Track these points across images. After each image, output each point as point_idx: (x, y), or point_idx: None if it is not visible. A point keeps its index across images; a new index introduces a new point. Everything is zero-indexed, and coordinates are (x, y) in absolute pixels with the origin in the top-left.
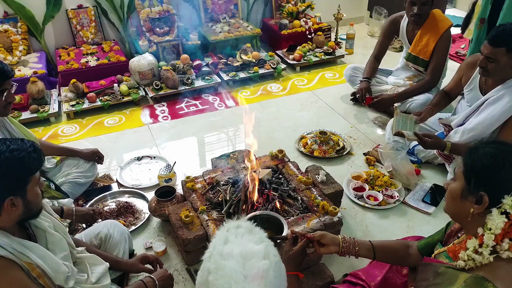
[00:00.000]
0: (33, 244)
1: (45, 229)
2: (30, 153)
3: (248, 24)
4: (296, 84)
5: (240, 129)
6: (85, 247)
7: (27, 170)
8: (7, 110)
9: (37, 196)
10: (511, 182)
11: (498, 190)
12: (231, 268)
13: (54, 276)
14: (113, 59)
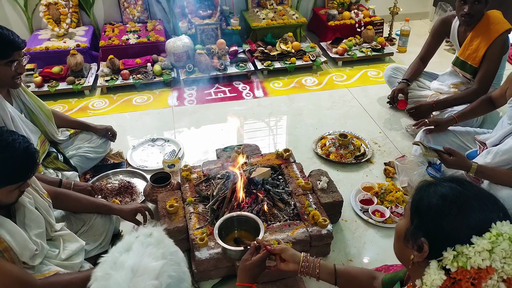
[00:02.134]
0: (4, 220)
1: (25, 205)
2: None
3: (295, 12)
4: (334, 80)
5: (260, 121)
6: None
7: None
8: (15, 81)
9: (9, 198)
10: (455, 232)
11: (439, 240)
12: (116, 281)
13: (20, 252)
14: (152, 39)
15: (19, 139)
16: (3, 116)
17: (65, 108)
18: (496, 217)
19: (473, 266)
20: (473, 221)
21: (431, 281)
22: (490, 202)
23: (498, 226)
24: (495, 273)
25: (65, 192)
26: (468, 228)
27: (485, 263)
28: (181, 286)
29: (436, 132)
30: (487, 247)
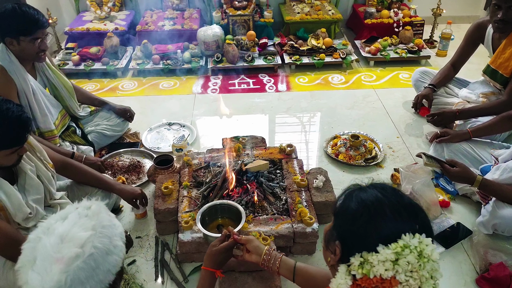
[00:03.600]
0: (2, 181)
1: (26, 171)
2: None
3: (332, 8)
4: (362, 79)
5: (276, 115)
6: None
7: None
8: (39, 57)
9: (7, 161)
10: (364, 239)
11: (349, 244)
12: (44, 244)
13: (13, 213)
14: (186, 26)
15: (13, 107)
16: (25, 88)
17: (97, 87)
18: (408, 229)
19: (376, 275)
20: (383, 229)
21: (337, 285)
22: (407, 213)
23: (406, 238)
24: (399, 286)
25: (73, 163)
26: (378, 236)
27: (388, 274)
28: (108, 258)
29: (446, 142)
30: (391, 257)
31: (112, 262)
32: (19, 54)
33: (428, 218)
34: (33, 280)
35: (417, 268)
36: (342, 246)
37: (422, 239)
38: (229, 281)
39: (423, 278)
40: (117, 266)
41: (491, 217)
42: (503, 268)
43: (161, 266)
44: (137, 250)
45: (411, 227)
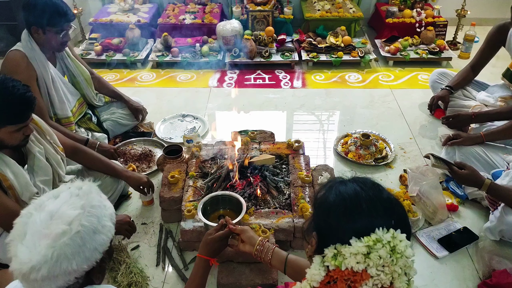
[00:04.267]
0: (11, 161)
1: (34, 153)
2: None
3: (353, 6)
4: (379, 79)
5: (288, 111)
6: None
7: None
8: (62, 47)
9: (12, 139)
10: (339, 231)
11: (325, 236)
12: (34, 220)
13: (20, 192)
14: (206, 21)
15: (18, 86)
16: (44, 75)
17: (117, 77)
18: (383, 224)
19: (348, 268)
20: (357, 223)
21: (311, 275)
22: (384, 207)
23: (379, 232)
24: (370, 280)
25: (83, 149)
26: (352, 229)
27: (359, 267)
28: (95, 237)
29: (458, 144)
30: (363, 250)
31: (99, 241)
32: (41, 43)
33: (406, 215)
34: (21, 253)
35: (389, 263)
36: (318, 237)
37: (396, 234)
38: (227, 270)
39: (395, 273)
40: (105, 245)
41: (498, 223)
42: (506, 275)
43: (163, 253)
44: (142, 236)
45: (387, 222)
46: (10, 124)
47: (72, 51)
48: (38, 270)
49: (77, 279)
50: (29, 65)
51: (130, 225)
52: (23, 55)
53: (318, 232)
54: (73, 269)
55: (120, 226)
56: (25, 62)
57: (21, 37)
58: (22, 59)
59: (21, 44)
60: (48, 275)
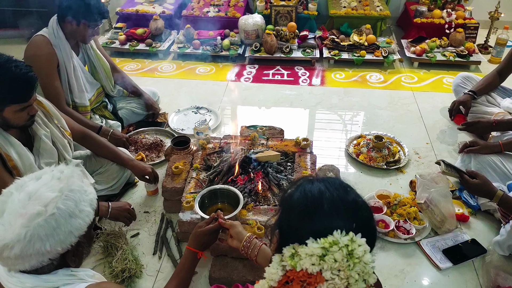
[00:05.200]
0: (16, 142)
1: (40, 136)
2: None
3: (381, 4)
4: (402, 80)
5: (303, 109)
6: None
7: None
8: (89, 39)
9: (17, 118)
10: (299, 231)
11: (286, 234)
12: (13, 200)
13: (24, 173)
14: (229, 14)
15: (21, 66)
16: (66, 63)
17: (138, 67)
18: (343, 226)
19: (303, 269)
20: (317, 223)
21: (269, 274)
22: (346, 210)
23: (337, 235)
24: (324, 283)
25: (92, 135)
26: (310, 229)
27: (314, 269)
28: (71, 220)
29: (474, 152)
30: (317, 252)
31: (75, 225)
32: (70, 33)
33: (371, 219)
34: None
35: (345, 267)
36: (280, 235)
37: (355, 238)
38: (220, 264)
39: (351, 279)
40: (81, 230)
41: (508, 237)
42: None
43: (161, 243)
44: (143, 224)
45: (347, 225)
46: (13, 103)
47: (96, 42)
48: (11, 248)
49: (51, 260)
50: (51, 51)
51: (130, 212)
52: (47, 41)
53: (279, 230)
54: (46, 250)
55: (120, 213)
56: (48, 47)
57: (49, 24)
58: (45, 44)
59: (47, 30)
60: (20, 253)
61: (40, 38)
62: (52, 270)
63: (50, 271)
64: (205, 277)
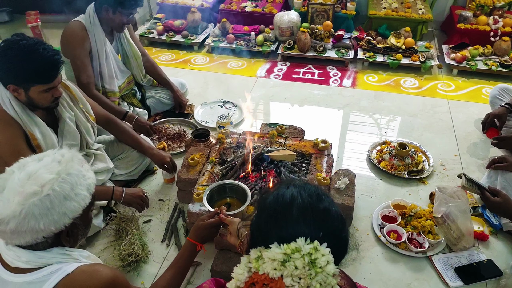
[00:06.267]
0: (41, 123)
1: (65, 118)
2: (46, 65)
3: (423, 7)
4: (438, 88)
5: (329, 109)
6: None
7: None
8: (123, 28)
9: (42, 99)
10: (265, 234)
11: (255, 237)
12: (14, 178)
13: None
14: (266, 10)
15: (48, 49)
16: (99, 50)
17: (173, 57)
18: (309, 234)
19: (265, 272)
20: (283, 228)
21: (237, 275)
22: (315, 218)
23: (300, 242)
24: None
25: (116, 121)
26: (277, 234)
27: (275, 274)
28: (66, 202)
29: (502, 169)
30: (279, 257)
31: (69, 207)
32: (106, 21)
33: (342, 230)
34: None
35: (307, 275)
36: (250, 236)
37: (319, 247)
38: (223, 258)
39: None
40: (75, 212)
41: None
42: None
43: (170, 231)
44: (156, 211)
45: (314, 233)
46: (38, 84)
47: (130, 31)
48: (6, 223)
49: (46, 238)
50: (85, 37)
51: (143, 199)
52: (83, 27)
53: (251, 231)
54: (40, 228)
55: (133, 199)
56: (82, 33)
57: (86, 10)
58: (80, 30)
59: (84, 16)
60: (16, 229)
61: (76, 23)
62: (47, 248)
63: (44, 248)
64: (208, 269)
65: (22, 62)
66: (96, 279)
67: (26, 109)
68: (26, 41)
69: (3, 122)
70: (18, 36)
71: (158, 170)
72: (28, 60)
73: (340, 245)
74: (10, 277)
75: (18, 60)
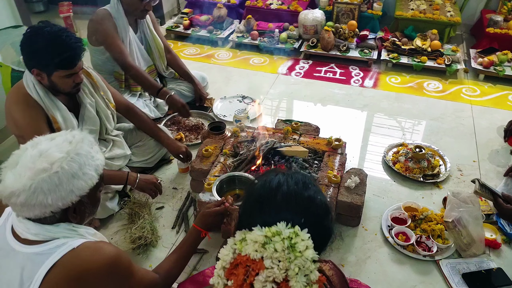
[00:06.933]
0: (63, 107)
1: (86, 104)
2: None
3: (452, 10)
4: (462, 92)
5: (348, 109)
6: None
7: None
8: (143, 14)
9: (63, 84)
10: (250, 218)
11: (241, 219)
12: (27, 155)
13: None
14: (291, 8)
15: (72, 37)
16: (123, 36)
17: (197, 52)
18: (291, 219)
19: (247, 254)
20: (267, 213)
21: (223, 255)
22: (298, 204)
23: (281, 226)
24: (265, 271)
25: (135, 110)
26: (260, 218)
27: (256, 255)
28: (73, 181)
29: None
30: (260, 239)
31: (76, 185)
32: (127, 8)
33: (325, 218)
34: (8, 179)
35: (285, 258)
36: (238, 220)
37: (299, 233)
38: None
39: (291, 271)
40: (82, 190)
41: None
42: None
43: (181, 218)
44: (169, 199)
45: (296, 219)
46: (60, 69)
47: (155, 24)
48: (17, 196)
49: (53, 213)
50: (112, 23)
51: (156, 186)
52: (109, 13)
53: (239, 215)
54: (48, 203)
55: (146, 185)
56: (109, 18)
57: (111, 0)
58: (107, 16)
59: (110, 5)
60: (25, 202)
61: (103, 10)
62: (55, 223)
63: (52, 223)
64: (213, 258)
65: (46, 48)
66: (99, 255)
67: (49, 94)
68: (50, 28)
69: (26, 104)
70: (44, 23)
71: (174, 159)
72: (51, 46)
73: (322, 232)
74: (19, 247)
75: (42, 46)
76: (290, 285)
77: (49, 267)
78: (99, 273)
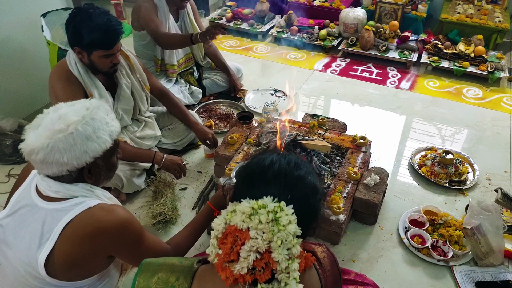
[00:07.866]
0: (100, 85)
1: (122, 84)
2: (107, 32)
3: (502, 15)
4: (503, 101)
5: (380, 110)
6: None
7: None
8: (183, 2)
9: (101, 63)
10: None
11: (235, 193)
12: (48, 118)
13: None
14: (334, 5)
15: (112, 19)
16: (163, 22)
17: (236, 44)
18: (278, 195)
19: (235, 224)
20: (256, 187)
21: (216, 225)
22: (286, 181)
23: (267, 200)
24: (250, 241)
25: (169, 94)
26: (251, 192)
27: (242, 225)
28: (87, 142)
29: None
30: (247, 211)
31: (90, 147)
32: None
33: (311, 196)
34: (29, 138)
35: (269, 230)
36: (232, 194)
37: (284, 207)
38: None
39: (274, 243)
40: (95, 152)
41: None
42: None
43: (202, 200)
44: (193, 181)
45: (282, 195)
46: (100, 49)
47: (195, 14)
48: (36, 153)
49: (70, 172)
50: (154, 8)
51: (181, 167)
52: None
53: (234, 188)
54: (64, 162)
55: (171, 165)
56: (152, 3)
57: None
58: (151, 2)
59: None
60: (44, 159)
61: None
62: (72, 182)
63: (70, 182)
64: None
65: (87, 28)
66: (112, 216)
67: (89, 72)
68: (93, 10)
69: (67, 80)
70: (88, 6)
71: (201, 145)
72: (93, 27)
73: (307, 210)
74: (42, 203)
75: (84, 26)
76: (272, 257)
77: (66, 222)
78: (111, 233)
